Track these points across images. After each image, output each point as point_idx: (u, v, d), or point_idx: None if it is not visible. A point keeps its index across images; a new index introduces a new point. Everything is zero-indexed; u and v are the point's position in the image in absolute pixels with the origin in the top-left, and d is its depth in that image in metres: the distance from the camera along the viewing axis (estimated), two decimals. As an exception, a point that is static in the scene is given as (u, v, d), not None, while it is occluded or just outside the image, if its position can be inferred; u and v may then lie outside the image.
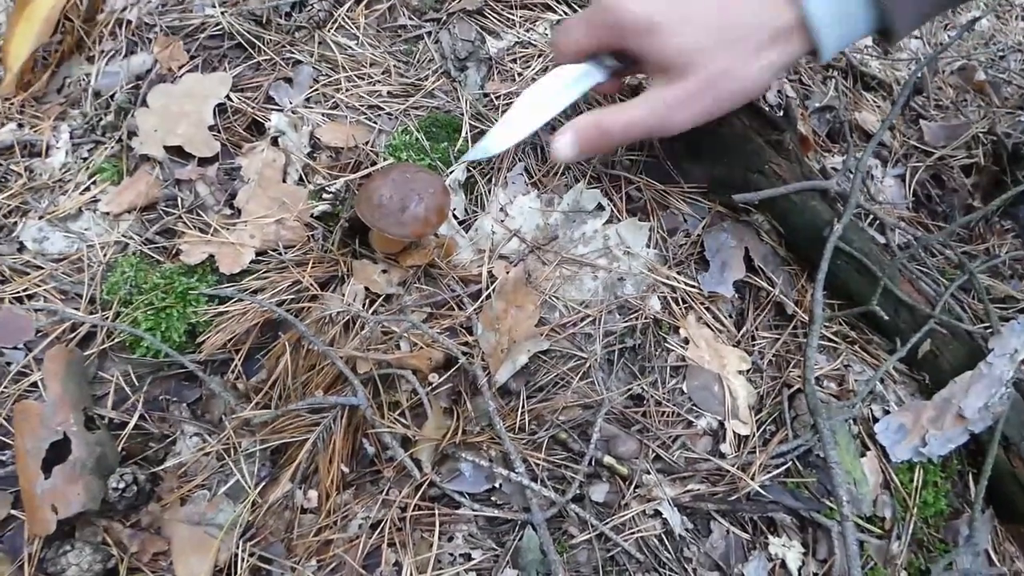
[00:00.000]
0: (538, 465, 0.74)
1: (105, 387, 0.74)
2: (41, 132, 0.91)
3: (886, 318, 0.85)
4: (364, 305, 0.79)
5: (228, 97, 0.93)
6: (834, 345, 0.90)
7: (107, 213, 0.84)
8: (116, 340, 0.75)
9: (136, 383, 0.75)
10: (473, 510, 0.71)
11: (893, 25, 0.60)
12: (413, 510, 0.70)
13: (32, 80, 0.96)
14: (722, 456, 0.79)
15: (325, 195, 0.85)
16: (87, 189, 0.87)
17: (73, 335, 0.76)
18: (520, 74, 1.02)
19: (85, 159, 0.90)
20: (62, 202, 0.85)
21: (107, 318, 0.76)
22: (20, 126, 0.92)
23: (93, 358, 0.74)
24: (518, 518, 0.71)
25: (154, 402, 0.75)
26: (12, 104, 0.94)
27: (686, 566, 0.73)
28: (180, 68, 0.96)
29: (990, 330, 0.86)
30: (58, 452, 0.64)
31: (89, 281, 0.79)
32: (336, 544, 0.68)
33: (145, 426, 0.73)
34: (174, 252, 0.82)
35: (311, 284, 0.78)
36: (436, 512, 0.71)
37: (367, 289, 0.79)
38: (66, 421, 0.65)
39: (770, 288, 0.90)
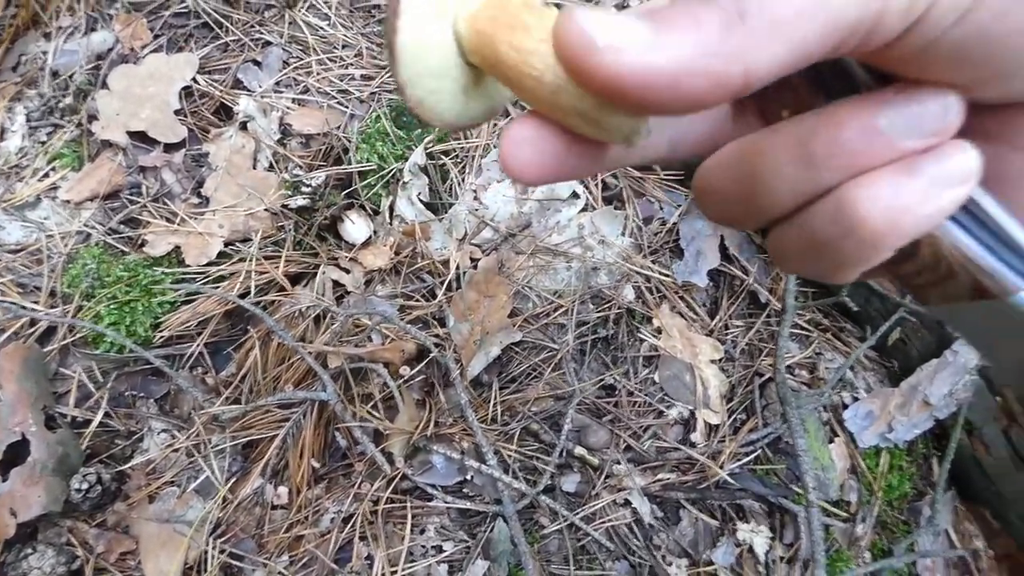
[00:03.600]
0: (510, 456, 0.74)
1: (67, 384, 0.72)
2: (-4, 116, 0.87)
3: (855, 309, 0.86)
4: (347, 292, 0.78)
5: (194, 79, 0.90)
6: (807, 333, 0.91)
7: (67, 201, 0.82)
8: (78, 335, 0.74)
9: (100, 379, 0.73)
10: (445, 502, 0.71)
11: None
12: (385, 503, 0.70)
13: (-15, 60, 0.92)
14: (692, 445, 0.80)
15: (304, 188, 0.83)
16: (46, 175, 0.84)
17: (32, 330, 0.74)
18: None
19: (43, 143, 0.86)
20: (19, 189, 0.82)
21: (68, 312, 0.74)
22: (-27, 109, 0.88)
23: (54, 354, 0.73)
24: (489, 510, 0.72)
25: (120, 398, 0.73)
26: (-36, 85, 0.90)
27: (655, 553, 0.74)
28: (143, 47, 0.92)
29: (957, 318, 0.87)
30: (16, 453, 0.63)
31: (49, 273, 0.76)
32: (307, 539, 0.68)
33: (111, 423, 0.72)
34: (139, 243, 0.80)
35: (281, 278, 0.77)
36: (408, 505, 0.71)
37: (335, 283, 0.78)
38: (24, 421, 0.64)
39: (744, 277, 0.91)
